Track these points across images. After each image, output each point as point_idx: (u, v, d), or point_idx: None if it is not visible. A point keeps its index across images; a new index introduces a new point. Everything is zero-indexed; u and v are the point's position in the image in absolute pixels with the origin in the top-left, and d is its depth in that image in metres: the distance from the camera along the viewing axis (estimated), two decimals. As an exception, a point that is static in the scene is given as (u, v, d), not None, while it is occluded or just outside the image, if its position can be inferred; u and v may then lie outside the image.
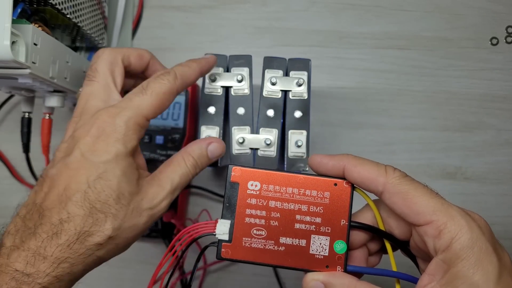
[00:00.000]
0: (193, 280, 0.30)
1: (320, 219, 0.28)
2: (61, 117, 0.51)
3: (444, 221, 0.24)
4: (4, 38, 0.29)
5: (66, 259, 0.27)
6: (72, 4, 0.39)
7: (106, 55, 0.33)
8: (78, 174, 0.28)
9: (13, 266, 0.26)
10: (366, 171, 0.27)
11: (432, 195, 0.26)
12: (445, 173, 0.49)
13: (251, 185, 0.28)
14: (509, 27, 0.49)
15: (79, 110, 0.32)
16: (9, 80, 0.35)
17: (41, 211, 0.28)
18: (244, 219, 0.28)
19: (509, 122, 0.49)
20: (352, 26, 0.50)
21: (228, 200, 0.28)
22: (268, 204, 0.28)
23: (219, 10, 0.51)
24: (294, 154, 0.38)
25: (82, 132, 0.30)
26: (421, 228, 0.25)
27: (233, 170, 0.29)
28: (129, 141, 0.30)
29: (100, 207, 0.28)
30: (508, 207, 0.49)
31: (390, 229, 0.29)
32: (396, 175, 0.26)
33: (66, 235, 0.27)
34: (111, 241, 0.29)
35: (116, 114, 0.30)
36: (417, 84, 0.50)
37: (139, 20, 0.51)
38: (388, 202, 0.26)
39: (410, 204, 0.25)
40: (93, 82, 0.32)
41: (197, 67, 0.35)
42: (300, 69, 0.39)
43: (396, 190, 0.26)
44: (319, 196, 0.28)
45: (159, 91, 0.31)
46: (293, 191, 0.28)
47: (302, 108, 0.38)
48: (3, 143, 0.52)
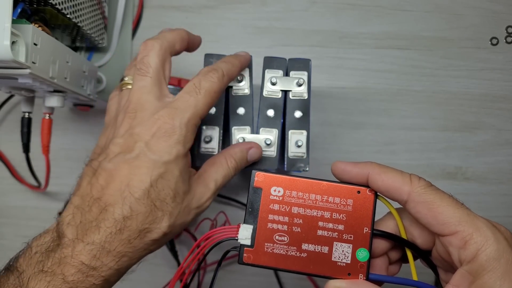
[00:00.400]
0: (213, 285, 0.30)
1: (343, 226, 0.28)
2: (61, 117, 0.51)
3: (470, 232, 0.24)
4: (4, 38, 0.29)
5: (126, 253, 0.28)
6: (72, 4, 0.39)
7: (157, 49, 0.32)
8: (141, 172, 0.29)
9: (78, 258, 0.27)
10: (390, 179, 0.27)
11: (458, 205, 0.25)
12: (445, 173, 0.49)
13: (274, 191, 0.28)
14: (509, 27, 0.49)
15: (132, 106, 0.31)
16: (9, 80, 0.35)
17: (103, 206, 0.28)
18: (267, 225, 0.28)
19: (509, 122, 0.49)
20: (352, 26, 0.50)
21: (251, 205, 0.28)
22: (291, 210, 0.28)
23: (219, 10, 0.51)
24: (294, 154, 0.38)
25: (143, 131, 0.30)
26: (445, 238, 0.25)
27: (256, 175, 0.29)
28: (187, 142, 0.31)
29: (159, 205, 0.29)
30: (508, 207, 0.49)
31: (412, 238, 0.28)
32: (421, 184, 0.26)
33: (128, 231, 0.28)
34: (164, 237, 0.30)
35: (176, 116, 0.30)
36: (417, 84, 0.50)
37: (139, 20, 0.51)
38: (413, 211, 0.26)
39: (435, 214, 0.25)
40: (146, 77, 0.32)
41: (239, 64, 0.36)
42: (300, 69, 0.39)
43: (421, 199, 0.26)
44: (342, 203, 0.28)
45: (211, 90, 0.32)
46: (316, 198, 0.28)
47: (302, 108, 0.38)
48: (3, 143, 0.52)
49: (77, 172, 0.51)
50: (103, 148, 0.32)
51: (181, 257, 0.49)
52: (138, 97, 0.31)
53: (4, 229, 0.51)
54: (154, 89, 0.32)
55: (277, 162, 0.38)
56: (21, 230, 0.51)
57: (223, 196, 0.49)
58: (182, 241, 0.50)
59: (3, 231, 0.51)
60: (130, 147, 0.30)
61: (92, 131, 0.52)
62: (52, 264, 0.27)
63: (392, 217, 0.29)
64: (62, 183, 0.51)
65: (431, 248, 0.28)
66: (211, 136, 0.38)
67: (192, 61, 0.51)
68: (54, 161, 0.46)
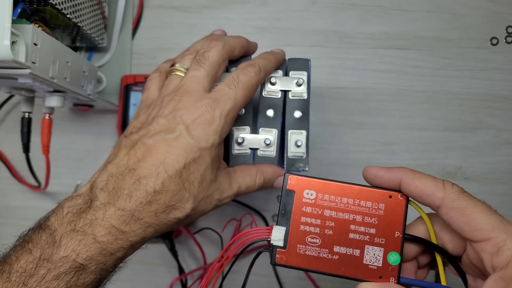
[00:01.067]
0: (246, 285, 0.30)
1: (375, 230, 0.28)
2: (61, 117, 0.51)
3: (504, 238, 0.25)
4: (4, 38, 0.29)
5: (152, 225, 0.30)
6: (72, 4, 0.39)
7: (220, 49, 0.35)
8: (177, 153, 0.31)
9: (109, 221, 0.29)
10: (423, 185, 0.27)
11: (491, 212, 0.26)
12: (445, 173, 0.49)
13: (306, 194, 0.29)
14: (509, 27, 0.49)
15: (181, 90, 0.33)
16: (9, 80, 0.35)
17: (137, 177, 0.30)
18: (299, 227, 0.29)
19: (509, 122, 0.49)
20: (352, 26, 0.50)
21: (284, 207, 0.29)
22: (323, 213, 0.29)
23: (219, 10, 0.51)
24: (294, 154, 0.38)
25: (185, 115, 0.32)
26: (478, 244, 0.26)
27: (289, 178, 0.29)
28: (224, 133, 0.33)
29: (187, 187, 0.31)
30: (508, 207, 0.48)
31: (442, 244, 0.29)
32: (455, 190, 0.27)
33: (157, 204, 0.30)
34: (186, 219, 0.32)
35: (217, 106, 0.32)
36: (417, 84, 0.50)
37: (139, 20, 0.51)
38: (446, 217, 0.27)
39: (468, 220, 0.26)
40: (202, 68, 0.34)
41: (275, 60, 0.37)
42: (299, 69, 0.39)
43: (454, 205, 0.26)
44: (374, 207, 0.29)
45: (248, 83, 0.34)
46: (348, 201, 0.29)
47: (301, 108, 0.38)
48: (3, 143, 0.52)
49: (77, 172, 0.51)
50: (144, 123, 0.33)
51: (181, 258, 0.49)
52: (189, 84, 0.33)
53: (4, 229, 0.51)
54: (204, 81, 0.34)
55: (277, 162, 0.38)
56: (21, 230, 0.50)
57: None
58: (182, 241, 0.50)
59: (3, 231, 0.51)
60: (172, 128, 0.32)
61: (92, 131, 0.52)
62: (83, 224, 0.29)
63: (422, 222, 0.29)
64: (62, 183, 0.51)
65: (461, 254, 0.28)
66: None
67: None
68: (54, 161, 0.46)
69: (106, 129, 0.51)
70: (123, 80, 0.49)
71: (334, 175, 0.49)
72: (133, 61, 0.51)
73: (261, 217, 0.50)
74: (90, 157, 0.52)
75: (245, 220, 0.49)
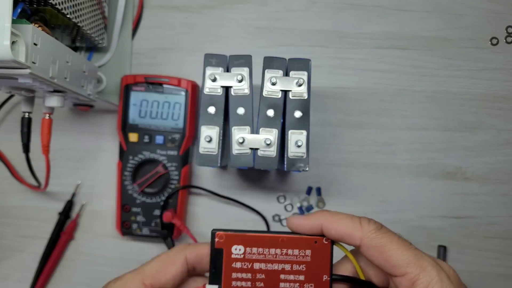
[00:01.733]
0: None
1: (303, 276, 0.30)
2: (61, 117, 0.51)
3: (417, 273, 0.26)
4: (4, 38, 0.29)
5: None
6: (72, 4, 0.39)
7: None
8: None
9: None
10: (342, 227, 0.28)
11: (406, 246, 0.27)
12: (445, 173, 0.49)
13: (235, 249, 0.30)
14: (509, 27, 0.49)
15: None
16: (9, 80, 0.35)
17: None
18: (231, 283, 0.30)
19: (509, 122, 0.49)
20: (352, 26, 0.50)
21: (214, 266, 0.30)
22: (253, 267, 0.30)
23: (219, 10, 0.51)
24: (294, 154, 0.38)
25: None
26: (397, 279, 0.27)
27: (216, 235, 0.30)
28: None
29: None
30: (508, 207, 0.49)
31: (369, 278, 0.30)
32: (371, 229, 0.28)
33: None
34: None
35: None
36: (417, 84, 0.50)
37: (139, 20, 0.51)
38: (366, 254, 0.28)
39: (386, 257, 0.27)
40: None
41: None
42: (300, 69, 0.39)
43: (372, 243, 0.27)
44: (301, 254, 0.30)
45: None
46: (275, 252, 0.30)
47: (302, 108, 0.38)
48: (3, 143, 0.52)
49: (77, 172, 0.51)
50: None
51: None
52: None
53: (4, 229, 0.51)
54: None
55: (277, 162, 0.38)
56: (21, 230, 0.51)
57: (223, 196, 0.49)
58: (182, 241, 0.50)
59: (3, 231, 0.51)
60: None
61: (92, 131, 0.52)
62: None
63: (349, 259, 0.30)
64: (62, 183, 0.51)
65: (387, 286, 0.30)
66: (211, 136, 0.38)
67: (192, 61, 0.51)
68: (54, 161, 0.46)
69: (106, 129, 0.51)
70: (123, 80, 0.49)
71: (334, 175, 0.49)
72: (133, 61, 0.51)
73: (261, 217, 0.50)
74: (90, 157, 0.52)
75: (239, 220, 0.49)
